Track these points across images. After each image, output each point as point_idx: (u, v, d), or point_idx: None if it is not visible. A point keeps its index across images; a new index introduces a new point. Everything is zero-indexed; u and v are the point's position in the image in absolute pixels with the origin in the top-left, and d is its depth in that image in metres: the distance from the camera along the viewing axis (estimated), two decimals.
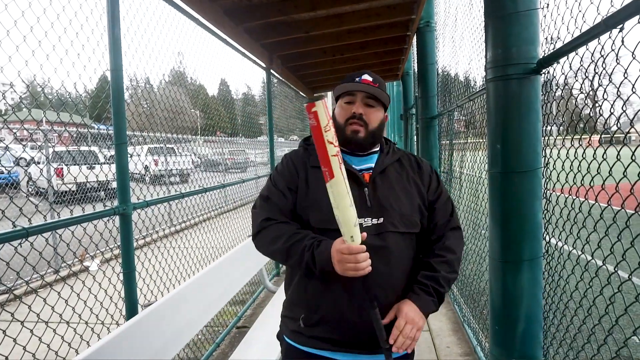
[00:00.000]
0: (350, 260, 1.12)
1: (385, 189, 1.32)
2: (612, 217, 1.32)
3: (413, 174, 1.39)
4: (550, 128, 1.78)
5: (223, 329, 3.56)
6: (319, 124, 1.10)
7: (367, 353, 1.29)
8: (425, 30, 4.39)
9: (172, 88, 3.38)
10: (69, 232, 1.95)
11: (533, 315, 1.68)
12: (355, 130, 1.32)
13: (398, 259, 1.28)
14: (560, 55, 1.47)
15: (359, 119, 1.32)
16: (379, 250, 1.23)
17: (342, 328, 1.27)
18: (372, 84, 1.33)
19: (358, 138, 1.32)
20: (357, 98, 1.33)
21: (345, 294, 1.26)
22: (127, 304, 2.12)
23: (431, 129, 4.51)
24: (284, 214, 1.33)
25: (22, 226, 1.52)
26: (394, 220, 1.28)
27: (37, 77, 1.79)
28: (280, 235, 1.27)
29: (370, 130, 1.33)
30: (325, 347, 1.29)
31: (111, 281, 2.33)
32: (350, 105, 1.34)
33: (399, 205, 1.31)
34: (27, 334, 1.78)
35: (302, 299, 1.34)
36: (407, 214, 1.30)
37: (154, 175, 8.89)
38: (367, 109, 1.33)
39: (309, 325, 1.31)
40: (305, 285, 1.33)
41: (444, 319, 3.71)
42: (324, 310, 1.29)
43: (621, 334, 1.46)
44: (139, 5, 2.36)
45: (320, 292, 1.29)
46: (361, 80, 1.33)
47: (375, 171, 1.34)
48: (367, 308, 1.18)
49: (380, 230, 1.26)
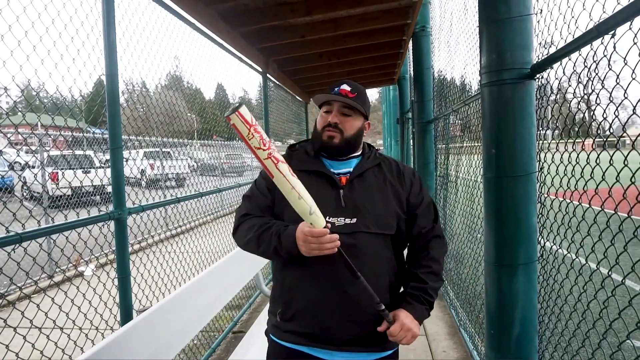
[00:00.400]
0: (313, 240, 1.19)
1: (361, 191, 1.38)
2: (605, 221, 1.33)
3: (392, 179, 1.44)
4: (545, 132, 1.79)
5: (219, 334, 3.54)
6: (241, 133, 1.16)
7: (342, 350, 1.33)
8: (420, 35, 4.41)
9: (168, 92, 3.38)
10: (63, 237, 1.94)
11: (528, 319, 1.69)
12: (330, 135, 1.40)
13: (369, 258, 1.33)
14: (554, 61, 1.48)
15: (334, 127, 1.40)
16: (350, 249, 1.28)
17: (316, 322, 1.32)
18: (350, 94, 1.40)
19: (333, 143, 1.40)
20: (334, 107, 1.41)
21: (317, 288, 1.31)
22: (122, 309, 2.10)
23: (427, 133, 4.52)
24: (262, 210, 1.42)
25: (16, 231, 1.51)
26: (366, 221, 1.33)
27: (31, 81, 1.79)
28: (253, 226, 1.36)
29: (346, 137, 1.41)
30: (301, 341, 1.35)
31: (106, 286, 2.32)
32: (327, 115, 1.42)
33: (374, 207, 1.36)
34: (20, 340, 1.77)
35: (279, 293, 1.42)
36: (381, 216, 1.36)
37: (150, 179, 8.86)
38: (343, 117, 1.41)
39: (285, 319, 1.37)
40: (282, 280, 1.41)
41: (440, 323, 3.70)
42: (297, 304, 1.35)
43: (615, 338, 1.46)
44: (134, 9, 2.36)
45: (294, 286, 1.36)
46: (339, 91, 1.40)
47: (353, 174, 1.41)
48: (354, 281, 1.24)
49: (352, 229, 1.32)
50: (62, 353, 1.91)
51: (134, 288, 2.22)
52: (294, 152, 1.49)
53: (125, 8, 2.28)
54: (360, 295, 1.29)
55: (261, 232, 1.33)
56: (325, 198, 1.34)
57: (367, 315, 1.31)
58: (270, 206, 1.42)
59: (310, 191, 1.25)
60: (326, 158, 1.44)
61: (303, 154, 1.47)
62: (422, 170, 4.65)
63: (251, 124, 1.17)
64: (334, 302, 1.30)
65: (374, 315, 1.31)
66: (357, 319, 1.31)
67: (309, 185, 1.30)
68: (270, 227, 1.33)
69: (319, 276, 1.31)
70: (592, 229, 1.39)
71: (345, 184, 1.39)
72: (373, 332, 1.32)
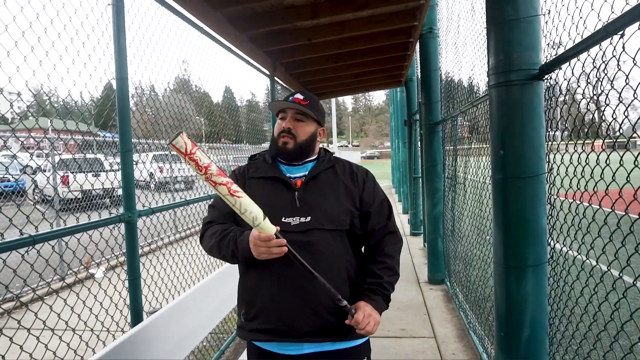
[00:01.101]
0: (261, 245, 1.28)
1: (315, 192, 1.47)
2: (616, 222, 1.32)
3: (345, 179, 1.52)
4: (554, 133, 1.78)
5: (228, 336, 3.55)
6: (183, 159, 1.23)
7: (307, 341, 1.41)
8: (428, 37, 4.41)
9: (176, 96, 3.41)
10: (75, 239, 1.97)
11: (538, 321, 1.68)
12: (284, 142, 1.49)
13: (324, 253, 1.41)
14: (562, 62, 1.47)
15: (287, 132, 1.49)
16: (304, 245, 1.37)
17: (278, 317, 1.39)
18: (302, 102, 1.50)
19: (287, 149, 1.49)
20: (288, 114, 1.51)
21: (277, 286, 1.39)
22: (132, 311, 2.12)
23: (435, 134, 4.51)
24: (225, 218, 1.50)
25: (29, 234, 1.54)
26: (320, 219, 1.42)
27: (44, 86, 1.82)
28: (214, 233, 1.45)
29: (299, 142, 1.50)
30: (266, 338, 1.43)
31: (116, 288, 2.34)
32: (282, 121, 1.52)
33: (327, 205, 1.45)
34: (34, 341, 1.79)
35: (242, 295, 1.50)
36: (334, 214, 1.44)
37: (159, 182, 8.93)
38: (297, 123, 1.51)
39: (248, 319, 1.45)
40: (244, 282, 1.49)
41: (449, 325, 3.69)
42: (259, 303, 1.42)
43: (627, 340, 1.45)
44: (143, 15, 2.40)
45: (255, 286, 1.44)
46: (293, 99, 1.50)
47: (308, 177, 1.49)
48: (310, 279, 1.31)
49: (307, 227, 1.41)
50: (74, 354, 1.94)
51: (144, 290, 2.25)
52: (253, 162, 1.59)
53: (135, 13, 2.31)
54: (318, 290, 1.35)
55: (221, 238, 1.42)
56: (282, 201, 1.44)
57: (326, 308, 1.38)
58: (231, 213, 1.48)
59: (267, 196, 1.41)
60: (283, 164, 1.54)
61: (261, 162, 1.56)
62: (429, 171, 4.64)
63: (186, 152, 1.22)
64: (293, 298, 1.38)
65: (334, 307, 1.37)
66: (318, 311, 1.38)
67: (266, 190, 1.45)
68: (229, 233, 1.42)
69: (278, 275, 1.39)
70: (602, 230, 1.38)
71: (300, 186, 1.47)
72: (335, 323, 1.40)
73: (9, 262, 1.56)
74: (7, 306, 4.58)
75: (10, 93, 1.98)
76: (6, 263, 1.55)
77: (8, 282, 1.77)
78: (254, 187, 1.48)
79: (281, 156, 1.53)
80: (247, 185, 1.51)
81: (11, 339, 1.62)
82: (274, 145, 1.53)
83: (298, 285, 1.37)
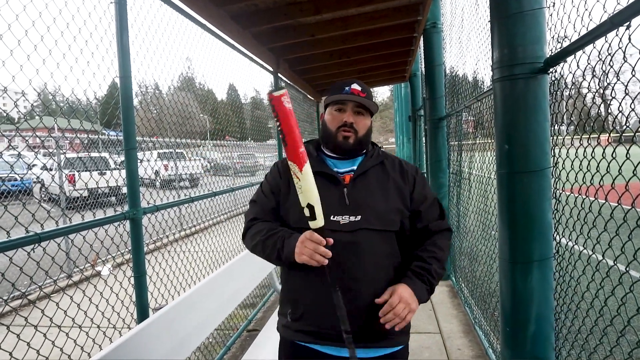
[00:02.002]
0: (310, 246, 1.22)
1: (364, 189, 1.40)
2: (622, 216, 1.31)
3: (395, 176, 1.45)
4: (559, 127, 1.77)
5: (234, 332, 3.57)
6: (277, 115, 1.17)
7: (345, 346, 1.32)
8: (431, 32, 4.38)
9: (180, 93, 3.42)
10: (81, 237, 1.98)
11: (544, 316, 1.67)
12: (345, 136, 1.41)
13: (371, 254, 1.34)
14: (567, 54, 1.46)
15: (349, 127, 1.41)
16: (351, 245, 1.32)
17: (322, 321, 1.35)
18: (361, 94, 1.42)
19: (348, 144, 1.42)
20: (348, 107, 1.42)
21: (323, 288, 1.31)
22: (138, 307, 2.13)
23: (439, 130, 4.49)
24: (268, 214, 1.46)
25: (35, 232, 1.54)
26: (370, 218, 1.35)
27: (48, 85, 1.83)
28: (260, 231, 1.40)
29: (359, 137, 1.43)
30: (309, 340, 1.38)
31: (122, 285, 2.35)
32: (341, 114, 1.43)
33: (376, 204, 1.38)
34: (41, 338, 1.81)
35: (287, 295, 1.46)
36: (384, 213, 1.37)
37: (164, 180, 8.96)
38: (357, 117, 1.43)
39: (295, 319, 1.41)
40: (289, 282, 1.44)
41: (454, 321, 3.68)
42: (304, 305, 1.38)
43: (634, 335, 1.43)
44: (146, 12, 2.40)
45: (301, 287, 1.40)
46: (350, 90, 1.41)
47: (357, 172, 1.42)
48: (332, 292, 1.25)
49: (355, 227, 1.34)
50: (81, 351, 1.95)
51: (150, 287, 2.26)
52: None
53: (138, 11, 2.31)
54: (360, 294, 1.31)
55: (267, 237, 1.37)
56: (329, 198, 1.34)
57: (370, 312, 1.32)
58: (274, 208, 1.46)
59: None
60: (330, 157, 1.47)
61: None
62: (434, 167, 4.62)
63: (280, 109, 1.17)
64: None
65: (376, 311, 1.31)
66: (360, 315, 1.32)
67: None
68: (277, 232, 1.37)
69: (320, 278, 1.31)
70: (608, 225, 1.37)
71: (348, 182, 1.40)
72: (377, 328, 1.32)
73: (15, 260, 1.57)
74: (14, 304, 4.63)
75: (16, 93, 2.00)
76: (12, 261, 1.56)
77: (15, 279, 1.78)
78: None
79: (339, 151, 1.45)
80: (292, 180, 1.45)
81: (18, 336, 1.63)
82: (330, 139, 1.45)
83: (342, 286, 1.29)
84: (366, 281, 1.34)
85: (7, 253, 1.46)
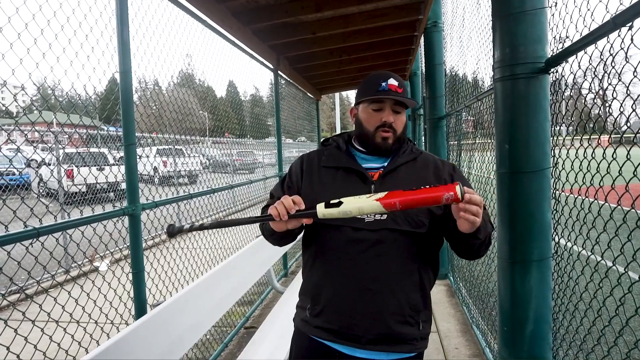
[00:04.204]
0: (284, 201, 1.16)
1: (393, 187, 1.29)
2: (622, 217, 1.31)
3: (427, 175, 1.37)
4: (559, 128, 1.77)
5: (231, 329, 3.57)
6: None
7: (366, 349, 1.30)
8: (432, 31, 4.38)
9: (180, 90, 3.41)
10: (79, 232, 1.97)
11: (542, 316, 1.67)
12: (385, 137, 1.35)
13: (395, 255, 1.29)
14: (569, 54, 1.45)
15: (389, 127, 1.34)
16: (375, 244, 1.27)
17: (340, 319, 1.31)
18: (398, 89, 1.34)
19: (387, 144, 1.36)
20: (386, 105, 1.35)
21: (341, 285, 1.30)
22: (136, 303, 2.13)
23: (439, 129, 4.49)
24: None
25: (33, 226, 1.54)
26: (396, 218, 1.28)
27: (47, 79, 1.82)
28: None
29: (398, 136, 1.37)
30: (328, 337, 1.34)
31: (120, 281, 2.35)
32: (379, 113, 1.36)
33: None
34: (38, 333, 1.80)
35: (308, 289, 1.41)
36: (412, 213, 1.29)
37: (163, 176, 8.94)
38: (395, 115, 1.36)
39: (314, 315, 1.37)
40: (310, 276, 1.40)
41: (452, 320, 3.69)
42: (324, 301, 1.35)
43: (632, 336, 1.44)
44: (147, 7, 2.39)
45: (321, 282, 1.36)
46: (388, 86, 1.33)
47: (386, 169, 1.36)
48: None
49: (380, 226, 1.28)
50: (78, 346, 1.95)
51: (148, 283, 2.25)
52: (326, 148, 1.46)
53: (138, 6, 2.30)
54: (384, 293, 1.27)
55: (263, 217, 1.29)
56: (356, 194, 1.24)
57: (393, 314, 1.28)
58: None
59: (338, 188, 1.28)
60: (360, 152, 1.41)
61: (334, 149, 1.44)
62: None
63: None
64: (356, 300, 1.28)
65: (401, 314, 1.28)
66: (380, 317, 1.28)
67: (337, 182, 1.33)
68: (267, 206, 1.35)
69: (343, 273, 1.30)
70: (607, 226, 1.37)
71: (377, 179, 1.34)
72: (397, 332, 1.29)
73: (13, 255, 1.56)
74: (12, 298, 4.62)
75: (15, 87, 1.99)
76: (10, 255, 1.56)
77: (12, 274, 1.78)
78: (324, 177, 1.36)
79: (379, 152, 1.38)
80: (318, 175, 1.39)
81: (16, 330, 1.63)
82: (369, 140, 1.37)
83: (362, 286, 1.27)
84: (387, 282, 1.29)
85: (5, 247, 1.45)
